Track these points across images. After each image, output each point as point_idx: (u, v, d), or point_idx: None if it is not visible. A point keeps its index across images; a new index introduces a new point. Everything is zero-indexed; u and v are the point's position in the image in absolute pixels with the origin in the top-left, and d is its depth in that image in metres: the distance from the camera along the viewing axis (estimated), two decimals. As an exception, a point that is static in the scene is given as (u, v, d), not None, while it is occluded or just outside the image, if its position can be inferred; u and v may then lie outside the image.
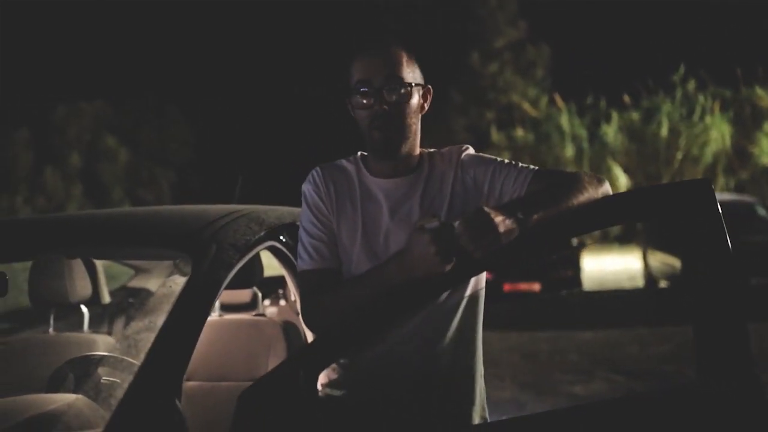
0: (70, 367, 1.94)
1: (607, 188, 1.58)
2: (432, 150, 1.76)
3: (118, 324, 3.35)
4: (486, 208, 1.38)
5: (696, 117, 20.09)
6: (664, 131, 20.37)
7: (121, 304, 3.45)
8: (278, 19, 27.79)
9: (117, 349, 2.58)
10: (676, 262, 9.77)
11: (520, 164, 1.66)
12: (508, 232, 1.38)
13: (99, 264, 2.81)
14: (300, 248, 1.67)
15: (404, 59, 1.66)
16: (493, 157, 1.72)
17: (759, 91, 19.95)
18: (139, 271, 3.74)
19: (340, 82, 1.75)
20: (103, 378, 1.97)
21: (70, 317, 2.98)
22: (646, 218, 1.52)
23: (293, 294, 3.70)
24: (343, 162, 1.75)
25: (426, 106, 1.71)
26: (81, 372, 1.92)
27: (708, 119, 19.83)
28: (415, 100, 1.66)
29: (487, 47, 24.20)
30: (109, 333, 3.25)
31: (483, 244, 1.35)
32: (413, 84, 1.64)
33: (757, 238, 9.22)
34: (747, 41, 19.94)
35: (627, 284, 12.43)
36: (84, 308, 2.73)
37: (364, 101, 1.63)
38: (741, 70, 19.86)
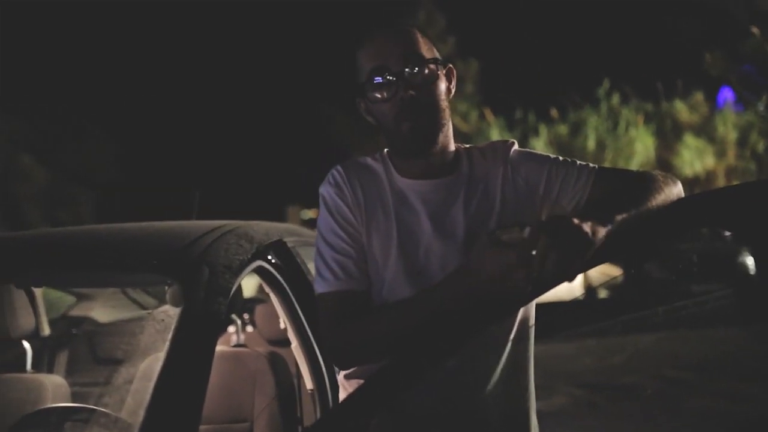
0: (29, 425, 1.57)
1: (680, 189, 1.37)
2: (468, 146, 1.51)
3: (60, 360, 2.96)
4: (575, 219, 1.13)
5: (621, 130, 20.68)
6: (591, 144, 20.90)
7: (63, 337, 3.06)
8: (200, 26, 27.19)
9: (70, 394, 2.23)
10: (616, 272, 9.83)
11: (578, 162, 1.43)
12: (599, 244, 1.14)
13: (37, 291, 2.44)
14: (320, 265, 1.36)
15: (418, 35, 1.40)
16: (546, 153, 1.48)
17: (679, 104, 20.72)
18: (81, 297, 3.34)
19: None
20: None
21: (7, 354, 2.58)
22: (736, 219, 1.32)
23: (262, 320, 3.41)
24: (368, 160, 1.46)
25: (452, 89, 1.46)
26: None
27: (633, 132, 20.44)
28: (443, 81, 1.41)
29: (417, 62, 24.21)
30: (50, 371, 2.86)
31: (575, 260, 1.11)
32: (435, 61, 1.38)
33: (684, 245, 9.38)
34: (666, 56, 20.66)
35: (566, 295, 12.49)
36: (26, 344, 2.36)
37: (384, 92, 1.36)
38: (662, 85, 20.59)
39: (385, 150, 1.49)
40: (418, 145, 1.38)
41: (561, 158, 1.46)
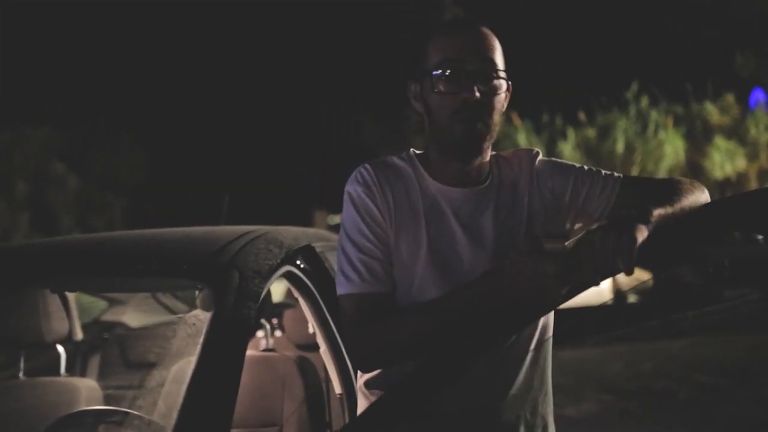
0: (64, 427, 1.59)
1: (707, 195, 1.36)
2: (494, 153, 1.51)
3: (93, 364, 3.01)
4: (612, 230, 1.13)
5: (650, 132, 20.45)
6: (620, 147, 20.67)
7: (95, 341, 3.11)
8: (228, 37, 27.45)
9: (102, 398, 2.26)
10: (645, 276, 9.72)
11: (603, 171, 1.43)
12: (640, 248, 1.14)
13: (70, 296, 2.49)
14: (345, 265, 1.35)
15: (497, 44, 1.39)
16: (570, 162, 1.48)
17: (709, 106, 20.44)
18: (112, 303, 3.40)
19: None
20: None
21: (41, 358, 2.63)
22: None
23: (290, 325, 3.42)
24: (396, 160, 1.44)
25: (506, 105, 1.46)
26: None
27: (662, 134, 20.20)
28: (505, 94, 1.41)
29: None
30: (83, 375, 2.91)
31: (609, 270, 1.12)
32: (506, 74, 1.38)
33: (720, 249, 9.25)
34: (696, 57, 20.40)
35: (594, 300, 12.38)
36: (60, 348, 2.40)
37: (449, 86, 1.35)
38: (691, 87, 20.33)
39: (411, 150, 1.48)
40: (466, 147, 1.37)
41: (586, 168, 1.45)
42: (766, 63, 18.89)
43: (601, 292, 1.28)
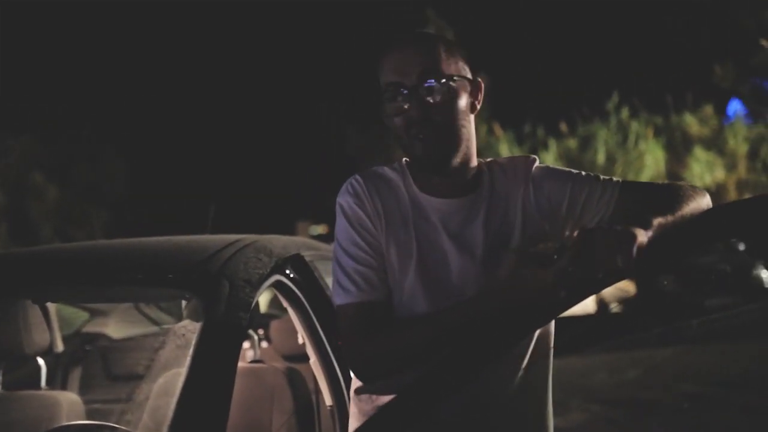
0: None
1: (709, 199, 1.34)
2: (489, 160, 1.48)
3: (74, 377, 2.94)
4: (613, 228, 1.11)
5: (631, 143, 20.64)
6: (601, 157, 20.83)
7: (77, 353, 3.04)
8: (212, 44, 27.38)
9: (84, 412, 2.20)
10: (628, 286, 9.76)
11: (602, 177, 1.40)
12: (641, 251, 1.12)
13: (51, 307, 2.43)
14: (340, 275, 1.34)
15: (441, 49, 1.36)
16: (567, 169, 1.46)
17: (688, 117, 20.67)
18: (94, 314, 3.32)
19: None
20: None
21: (21, 371, 2.56)
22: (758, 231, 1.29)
23: (277, 336, 3.38)
24: (386, 170, 1.43)
25: (478, 105, 1.42)
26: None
27: (642, 145, 20.38)
28: (463, 98, 1.37)
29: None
30: (64, 388, 2.84)
31: (608, 268, 1.09)
32: (456, 77, 1.35)
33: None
34: (676, 69, 20.64)
35: (577, 309, 12.41)
36: (41, 360, 2.34)
37: (396, 106, 1.33)
38: (671, 98, 20.56)
39: (404, 160, 1.47)
40: (429, 165, 1.37)
41: (584, 173, 1.43)
42: (744, 74, 19.15)
43: (584, 303, 1.27)
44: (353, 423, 1.40)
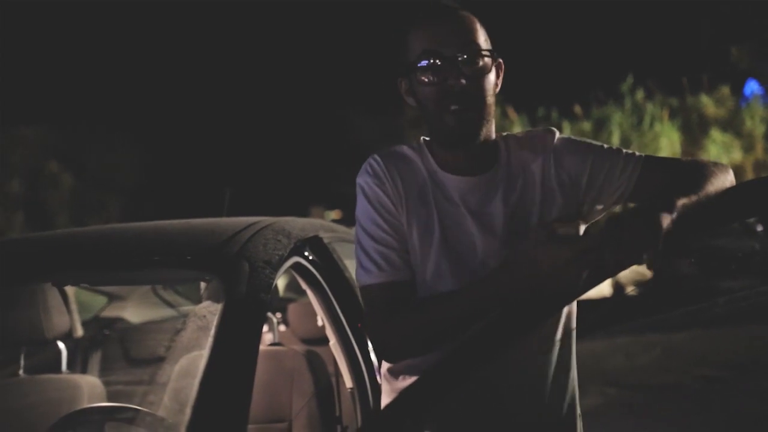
0: (69, 425, 1.54)
1: (732, 176, 1.33)
2: (506, 134, 1.47)
3: (94, 361, 2.96)
4: (638, 220, 1.10)
5: (646, 125, 20.46)
6: (616, 140, 20.65)
7: (96, 337, 3.06)
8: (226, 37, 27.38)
9: (105, 394, 2.21)
10: (644, 269, 9.71)
11: (624, 150, 1.39)
12: (665, 234, 1.10)
13: (70, 291, 2.44)
14: (362, 256, 1.34)
15: (478, 25, 1.37)
16: (588, 140, 1.44)
17: (704, 99, 20.45)
18: (112, 298, 3.34)
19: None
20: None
21: (42, 355, 2.58)
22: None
23: (295, 319, 3.38)
24: (405, 149, 1.43)
25: (500, 84, 1.42)
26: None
27: (658, 127, 20.21)
28: (493, 75, 1.37)
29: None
30: (84, 372, 2.86)
31: (632, 261, 1.08)
32: (490, 53, 1.34)
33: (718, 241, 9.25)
34: (691, 50, 20.41)
35: (593, 293, 12.37)
36: (61, 345, 2.35)
37: (433, 76, 1.32)
38: (686, 80, 20.33)
39: (422, 138, 1.46)
40: (461, 136, 1.35)
41: (606, 146, 1.42)
42: (762, 55, 18.90)
43: (600, 286, 1.26)
44: (385, 400, 1.41)
